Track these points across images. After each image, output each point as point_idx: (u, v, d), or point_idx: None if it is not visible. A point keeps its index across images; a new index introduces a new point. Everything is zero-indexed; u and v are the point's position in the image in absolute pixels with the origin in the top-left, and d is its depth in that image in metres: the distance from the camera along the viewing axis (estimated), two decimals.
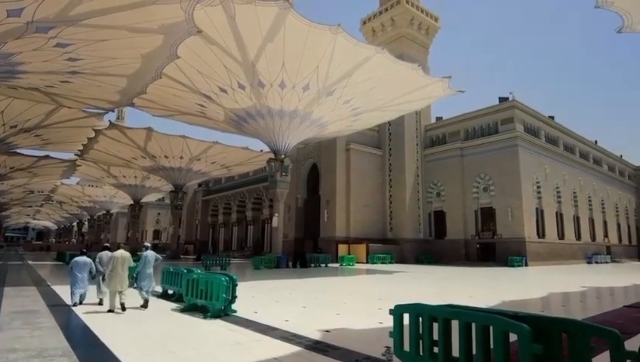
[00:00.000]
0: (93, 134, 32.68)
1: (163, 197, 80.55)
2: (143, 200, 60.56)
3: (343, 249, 37.62)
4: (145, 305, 9.88)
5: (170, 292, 11.78)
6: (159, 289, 12.16)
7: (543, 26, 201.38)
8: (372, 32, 48.35)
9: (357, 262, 34.66)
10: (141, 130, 35.25)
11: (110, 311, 9.32)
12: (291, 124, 28.35)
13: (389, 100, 29.28)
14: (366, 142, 43.67)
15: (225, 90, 24.84)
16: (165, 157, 41.04)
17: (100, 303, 10.31)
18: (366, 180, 42.81)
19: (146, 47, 17.40)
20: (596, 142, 56.11)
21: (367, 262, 35.81)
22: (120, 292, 9.47)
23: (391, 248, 39.61)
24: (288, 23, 19.52)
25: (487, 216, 39.35)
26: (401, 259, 39.08)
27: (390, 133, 44.77)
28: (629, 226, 59.20)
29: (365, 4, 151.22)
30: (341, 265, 33.09)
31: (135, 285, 10.21)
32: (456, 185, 41.52)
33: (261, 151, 41.07)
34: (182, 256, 51.48)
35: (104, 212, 77.76)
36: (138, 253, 10.98)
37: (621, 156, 62.05)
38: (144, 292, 10.00)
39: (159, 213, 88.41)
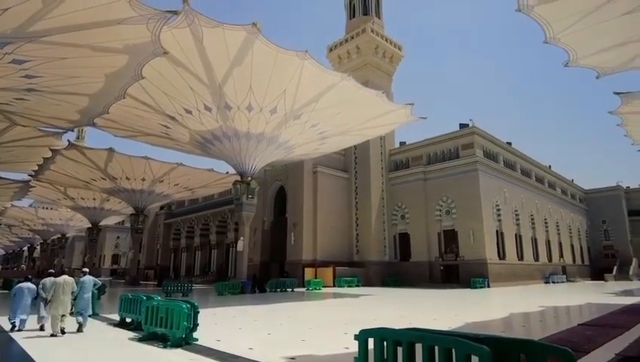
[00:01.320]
0: (49, 154, 31.26)
1: (123, 221, 77.48)
2: (102, 223, 58.05)
3: (309, 272, 37.29)
4: (80, 329, 9.94)
5: (128, 320, 11.24)
6: (116, 317, 11.58)
7: (500, 58, 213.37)
8: (338, 59, 49.59)
9: (324, 286, 34.39)
10: (102, 151, 34.09)
11: (53, 335, 9.28)
12: (258, 146, 28.30)
13: (354, 125, 29.89)
14: (333, 165, 44.12)
15: (190, 111, 24.59)
16: (127, 178, 39.76)
17: (42, 329, 10.19)
18: (333, 203, 43.03)
19: (110, 66, 17.07)
20: (550, 166, 59.22)
21: (334, 286, 35.60)
22: (62, 317, 9.55)
23: (357, 271, 39.65)
24: (256, 47, 19.75)
25: (450, 238, 40.29)
26: (368, 282, 39.14)
27: (356, 157, 45.49)
28: (581, 247, 62.18)
29: (332, 32, 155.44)
30: (308, 289, 32.72)
31: (73, 310, 10.33)
32: (420, 208, 42.43)
33: (227, 173, 40.58)
34: (142, 282, 49.36)
35: (59, 236, 73.75)
36: (77, 278, 11.02)
37: (572, 180, 65.64)
38: (79, 317, 10.12)
39: (119, 237, 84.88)
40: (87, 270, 11.47)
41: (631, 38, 14.94)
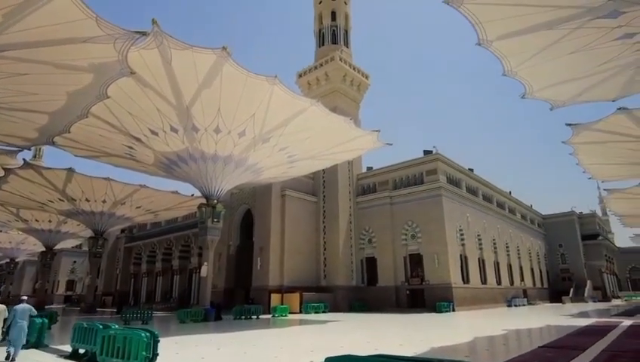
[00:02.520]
0: (2, 173, 29.66)
1: (81, 244, 73.81)
2: (57, 246, 54.97)
3: (275, 299, 36.55)
4: (9, 359, 9.50)
5: (82, 351, 10.57)
6: (68, 348, 10.86)
7: (462, 89, 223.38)
8: (308, 85, 50.40)
9: (290, 312, 33.75)
10: (61, 171, 32.69)
11: None
12: (225, 168, 27.99)
13: (323, 150, 30.20)
14: (301, 189, 44.13)
15: (156, 132, 24.13)
16: (86, 200, 38.15)
17: None
18: (301, 227, 42.80)
19: (73, 84, 16.61)
20: (510, 192, 61.66)
21: (300, 312, 35.00)
22: None
23: (325, 296, 39.25)
24: (226, 70, 19.80)
25: (416, 262, 40.78)
26: (335, 308, 38.76)
27: (324, 181, 45.76)
28: (540, 270, 64.40)
29: (301, 59, 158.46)
30: (274, 316, 32.00)
31: (3, 338, 9.95)
32: (387, 232, 42.88)
33: (192, 195, 39.74)
34: (98, 309, 46.78)
35: (7, 260, 69.10)
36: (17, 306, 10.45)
37: (531, 206, 68.49)
38: (10, 348, 9.70)
39: (75, 262, 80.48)
40: (25, 298, 10.96)
41: (577, 75, 16.10)
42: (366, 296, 41.95)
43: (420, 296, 39.13)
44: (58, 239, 51.59)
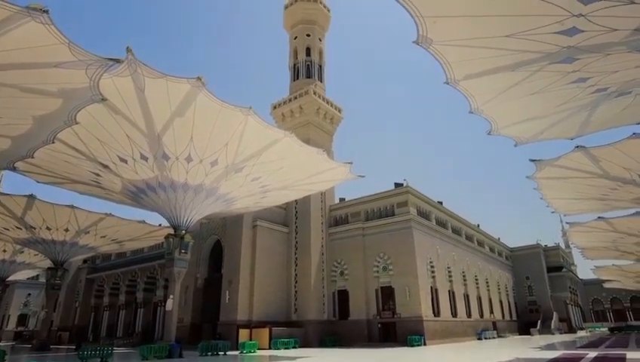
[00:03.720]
0: None
1: (38, 275, 69.72)
2: (11, 277, 51.67)
3: (244, 334, 35.27)
4: None
5: None
6: None
7: (432, 124, 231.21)
8: (282, 117, 50.96)
9: (259, 348, 32.59)
10: (20, 198, 31.21)
11: None
12: (195, 198, 27.47)
13: (296, 180, 30.25)
14: (273, 219, 43.68)
15: (125, 160, 23.58)
16: (47, 228, 36.36)
17: None
18: (272, 258, 42.06)
19: (40, 109, 16.17)
20: (478, 225, 63.11)
21: (269, 348, 33.85)
22: None
23: (295, 331, 38.24)
24: (199, 100, 19.80)
25: (388, 295, 40.59)
26: (306, 343, 37.75)
27: (297, 212, 45.55)
28: (509, 302, 65.33)
29: (276, 91, 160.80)
30: (241, 352, 30.80)
31: None
32: (359, 264, 42.73)
33: (159, 225, 38.63)
34: (53, 346, 43.75)
35: None
36: None
37: (499, 238, 70.19)
38: None
39: (29, 294, 75.61)
40: None
41: (539, 114, 17.04)
42: (338, 330, 41.18)
43: (391, 329, 38.74)
44: (12, 270, 48.60)
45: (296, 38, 55.16)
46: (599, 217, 32.47)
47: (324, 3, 56.66)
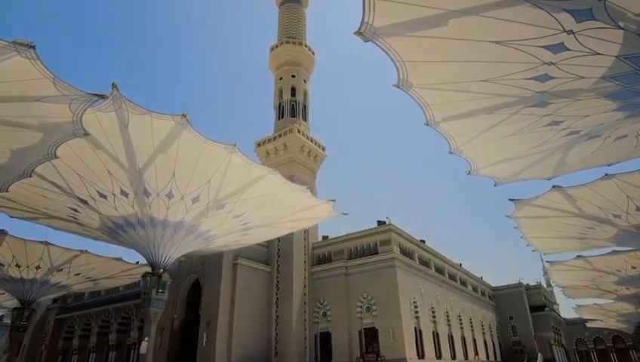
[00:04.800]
0: None
1: (2, 316, 65.86)
2: None
3: None
4: None
5: None
6: None
7: (413, 162, 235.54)
8: (266, 154, 51.30)
9: None
10: None
11: None
12: (175, 235, 26.84)
13: (279, 217, 30.04)
14: (255, 258, 42.88)
15: (105, 195, 23.12)
16: (17, 266, 34.70)
17: None
18: (252, 299, 40.92)
19: (19, 142, 15.89)
20: (461, 264, 63.19)
21: None
22: None
23: None
24: (183, 137, 19.82)
25: (371, 336, 39.66)
26: None
27: (279, 249, 44.91)
28: (493, 343, 64.53)
29: (260, 129, 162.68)
30: None
31: None
32: (342, 305, 41.91)
33: (137, 263, 37.40)
34: None
35: None
36: None
37: (481, 278, 70.21)
38: None
39: None
40: None
41: (516, 155, 17.59)
42: None
43: None
44: None
45: (281, 78, 56.54)
46: (578, 256, 32.97)
47: (308, 46, 58.69)
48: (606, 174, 20.21)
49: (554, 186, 21.65)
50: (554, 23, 9.50)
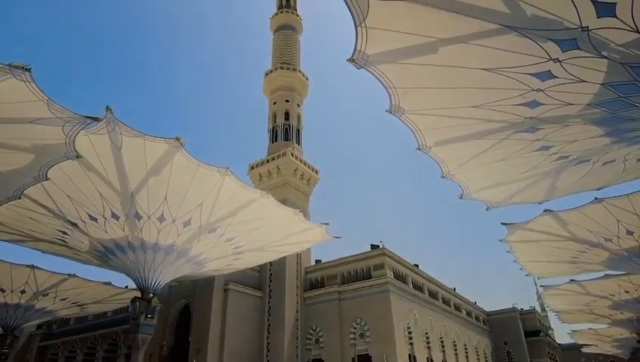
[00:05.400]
0: None
1: None
2: None
3: None
4: None
5: None
6: None
7: (406, 187, 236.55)
8: (259, 177, 51.30)
9: None
10: None
11: None
12: (166, 259, 26.43)
13: (271, 241, 29.78)
14: (246, 282, 42.23)
15: (95, 218, 22.83)
16: (1, 290, 33.85)
17: None
18: (243, 325, 40.08)
19: (10, 164, 15.75)
20: (455, 289, 62.65)
21: None
22: None
23: None
24: (176, 160, 19.81)
25: None
26: None
27: (271, 274, 44.33)
28: None
29: (254, 152, 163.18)
30: None
31: None
32: (335, 331, 41.16)
33: (126, 287, 36.65)
34: None
35: None
36: None
37: (475, 302, 69.54)
38: None
39: None
40: None
41: (507, 180, 17.77)
42: None
43: None
44: None
45: (275, 103, 57.16)
46: (571, 280, 32.92)
47: (302, 72, 59.65)
48: (596, 198, 20.46)
49: (545, 210, 21.81)
50: (541, 52, 9.79)
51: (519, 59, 10.28)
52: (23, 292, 34.60)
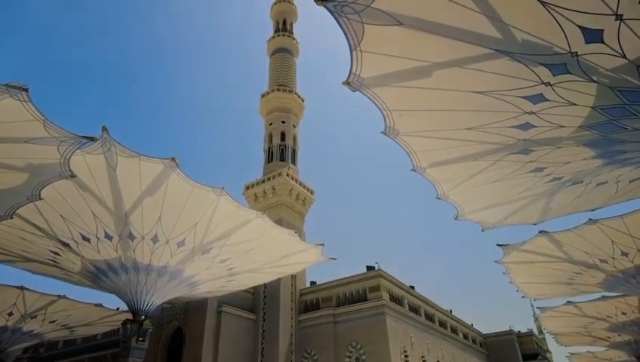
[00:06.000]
0: None
1: None
2: None
3: None
4: None
5: None
6: None
7: (401, 207, 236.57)
8: (254, 197, 51.17)
9: None
10: None
11: None
12: (159, 281, 26.05)
13: (266, 262, 29.50)
14: (240, 305, 41.57)
15: (88, 238, 22.58)
16: None
17: None
18: (236, 348, 39.25)
19: (2, 183, 15.65)
20: (451, 311, 61.98)
21: None
22: None
23: None
24: (172, 180, 19.78)
25: None
26: None
27: (265, 296, 43.72)
28: None
29: (249, 172, 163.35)
30: None
31: None
32: (330, 355, 40.36)
33: (117, 309, 35.99)
34: None
35: None
36: None
37: (472, 325, 68.74)
38: None
39: None
40: None
41: (502, 201, 17.86)
42: None
43: None
44: None
45: (271, 124, 57.56)
46: (568, 301, 32.73)
47: (298, 94, 60.36)
48: (590, 219, 20.57)
49: (540, 231, 21.87)
50: (532, 76, 10.01)
51: (512, 83, 10.50)
52: (10, 314, 33.81)
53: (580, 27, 8.28)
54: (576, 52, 8.81)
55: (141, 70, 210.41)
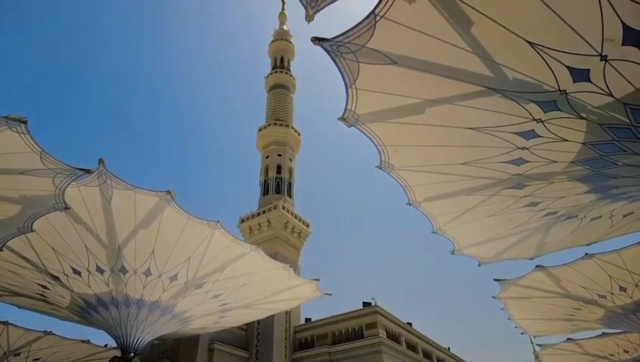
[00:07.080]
0: None
1: None
2: None
3: None
4: None
5: None
6: None
7: (397, 243, 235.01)
8: (249, 230, 50.76)
9: None
10: None
11: None
12: (150, 316, 25.37)
13: (260, 298, 28.91)
14: (232, 342, 40.33)
15: (79, 271, 22.15)
16: None
17: None
18: None
19: None
20: (449, 348, 60.39)
21: None
22: None
23: None
24: (167, 213, 19.67)
25: None
26: None
27: (259, 333, 42.52)
28: None
29: (244, 205, 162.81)
30: None
31: None
32: None
33: (105, 346, 34.80)
34: None
35: None
36: None
37: None
38: None
39: None
40: None
41: (497, 235, 17.85)
42: None
43: None
44: None
45: (267, 157, 58.00)
46: (568, 338, 32.04)
47: (295, 128, 61.23)
48: (586, 254, 20.51)
49: (537, 266, 21.72)
50: (524, 112, 10.27)
51: (504, 119, 10.75)
52: None
53: (567, 67, 8.59)
54: (565, 90, 9.08)
55: (137, 102, 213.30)
